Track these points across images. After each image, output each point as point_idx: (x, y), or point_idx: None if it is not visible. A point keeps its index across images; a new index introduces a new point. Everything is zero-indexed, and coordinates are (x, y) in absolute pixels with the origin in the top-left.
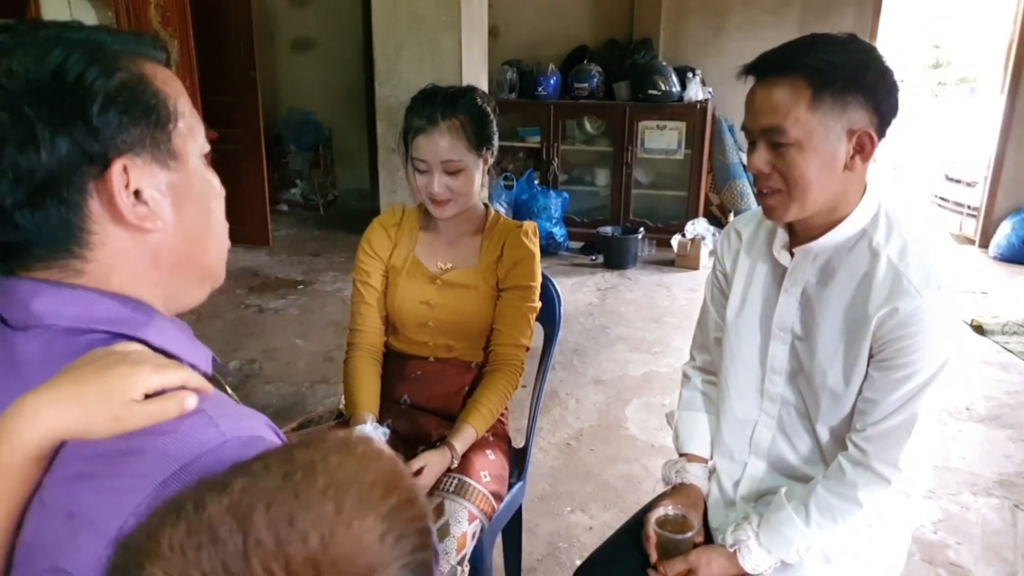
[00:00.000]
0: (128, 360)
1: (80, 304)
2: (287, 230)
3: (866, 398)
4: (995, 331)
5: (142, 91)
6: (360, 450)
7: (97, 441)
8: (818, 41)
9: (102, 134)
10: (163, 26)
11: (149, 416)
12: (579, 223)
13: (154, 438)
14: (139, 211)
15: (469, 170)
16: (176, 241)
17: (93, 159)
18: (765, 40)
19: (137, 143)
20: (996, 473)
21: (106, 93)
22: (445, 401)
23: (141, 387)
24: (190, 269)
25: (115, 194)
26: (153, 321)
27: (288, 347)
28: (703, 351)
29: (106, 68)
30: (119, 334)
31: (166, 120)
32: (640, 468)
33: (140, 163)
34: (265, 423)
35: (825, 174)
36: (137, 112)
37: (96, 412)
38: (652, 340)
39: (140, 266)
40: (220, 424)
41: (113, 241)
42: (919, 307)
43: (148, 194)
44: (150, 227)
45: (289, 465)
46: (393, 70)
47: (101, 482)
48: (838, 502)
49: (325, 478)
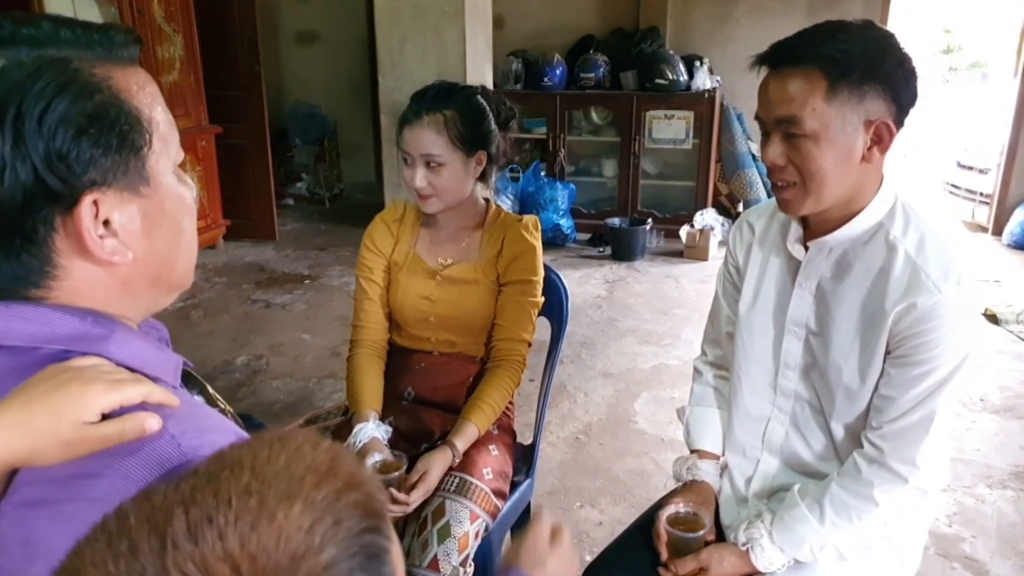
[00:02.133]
0: (80, 379)
1: (34, 321)
2: (293, 224)
3: (882, 395)
4: (1009, 320)
5: (116, 116)
6: (295, 443)
7: (52, 466)
8: (834, 29)
9: (70, 171)
10: (167, 21)
11: (103, 439)
12: (586, 215)
13: (113, 460)
14: (108, 245)
15: (452, 167)
16: (146, 267)
17: (59, 198)
18: (773, 28)
19: (109, 173)
20: (1011, 465)
21: (78, 126)
22: (449, 392)
23: (95, 408)
24: (159, 287)
25: (83, 230)
26: (114, 335)
27: (295, 342)
28: (715, 346)
29: (80, 92)
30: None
31: (140, 144)
32: (650, 462)
33: (111, 194)
34: (235, 433)
35: (842, 167)
36: (111, 141)
37: (46, 437)
38: (661, 332)
39: (108, 292)
40: (182, 442)
41: (79, 273)
42: (938, 303)
43: (118, 224)
44: (118, 261)
45: (216, 465)
46: (396, 62)
47: (56, 508)
48: (854, 501)
49: (250, 474)
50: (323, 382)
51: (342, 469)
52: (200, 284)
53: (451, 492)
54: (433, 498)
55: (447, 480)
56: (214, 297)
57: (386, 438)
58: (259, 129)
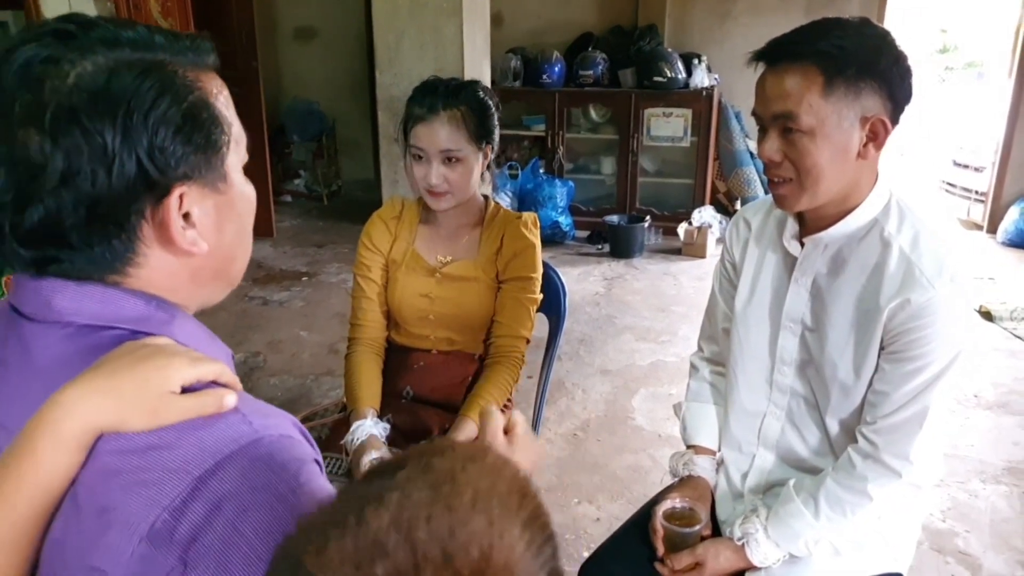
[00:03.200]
0: (163, 352)
1: (104, 302)
2: (291, 221)
3: (877, 390)
4: (1003, 317)
5: (205, 116)
6: (490, 459)
7: (129, 436)
8: (830, 26)
9: (167, 163)
10: (163, 16)
11: (186, 410)
12: (585, 212)
13: (187, 432)
14: (189, 236)
15: (468, 162)
16: (214, 260)
17: (156, 187)
18: (772, 26)
19: (196, 169)
20: (1005, 460)
21: (176, 124)
22: (448, 392)
23: (177, 379)
24: (221, 280)
25: (171, 221)
26: (176, 319)
27: (293, 339)
28: (711, 342)
29: (177, 94)
30: (142, 331)
31: (222, 144)
32: (647, 458)
33: (195, 188)
34: (291, 422)
35: (838, 163)
36: (200, 139)
37: (133, 405)
38: (659, 329)
39: (178, 282)
40: (253, 421)
41: (157, 262)
42: (932, 299)
43: (197, 217)
44: (196, 251)
45: (433, 476)
46: (394, 59)
47: (132, 476)
48: (848, 495)
49: (471, 490)
50: (321, 379)
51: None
52: None
53: None
54: None
55: None
56: None
57: (384, 436)
58: (257, 125)
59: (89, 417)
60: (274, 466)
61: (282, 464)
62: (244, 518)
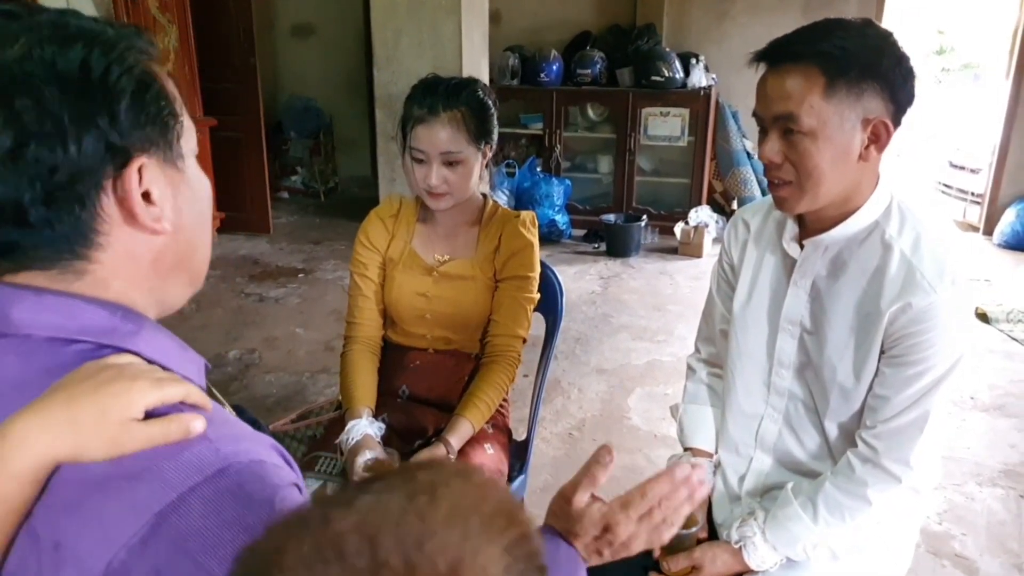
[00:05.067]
0: (124, 375)
1: (63, 312)
2: (288, 218)
3: (877, 395)
4: (1000, 319)
5: (156, 90)
6: (478, 479)
7: (90, 466)
8: (832, 27)
9: (126, 130)
10: (161, 11)
11: (149, 438)
12: (581, 211)
13: (150, 462)
14: (152, 212)
15: (468, 163)
16: (176, 243)
17: (116, 155)
18: (770, 26)
19: (151, 143)
20: (1001, 463)
21: (132, 90)
22: (444, 391)
23: (140, 405)
24: (183, 272)
25: (130, 194)
26: (143, 331)
27: (288, 336)
28: (708, 343)
29: (125, 65)
30: (107, 345)
31: (175, 120)
32: (643, 458)
33: (153, 163)
34: (267, 444)
35: (839, 165)
36: (153, 111)
37: (91, 435)
38: (655, 329)
39: (140, 269)
40: (221, 447)
41: (120, 243)
42: (933, 303)
43: (157, 195)
44: (160, 229)
45: (412, 486)
46: (392, 56)
47: (91, 511)
48: (847, 500)
49: (449, 503)
50: (316, 376)
51: (522, 516)
52: None
53: None
54: None
55: None
56: (207, 290)
57: (379, 435)
58: (254, 122)
59: (43, 450)
60: (243, 497)
61: (251, 494)
62: (211, 555)
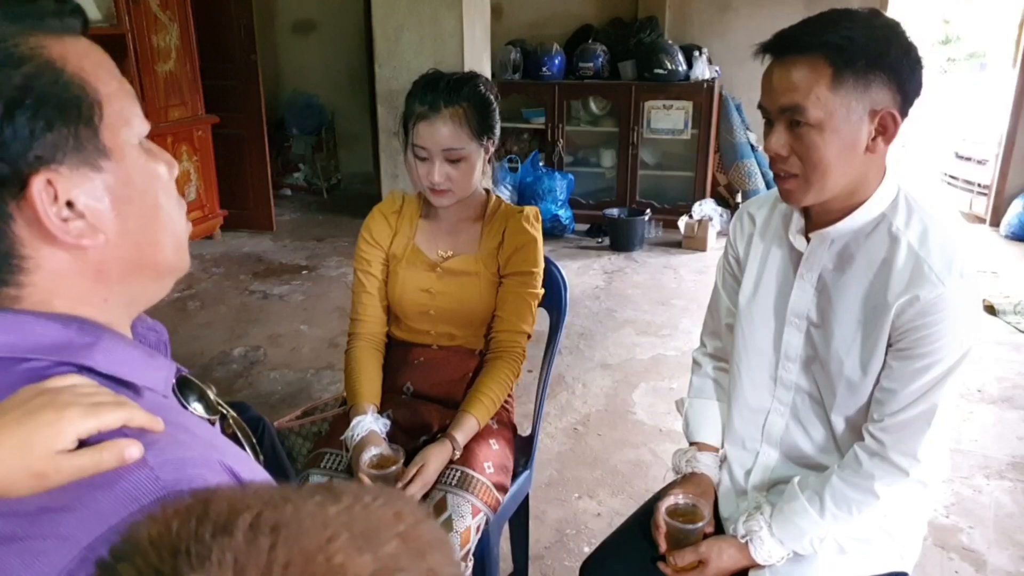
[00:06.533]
0: (54, 404)
1: (13, 330)
2: (290, 215)
3: (884, 388)
4: (1007, 311)
5: (53, 84)
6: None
7: (22, 498)
8: (839, 17)
9: (11, 150)
10: (162, 9)
11: (79, 469)
12: (585, 205)
13: (86, 492)
14: (74, 227)
15: (470, 159)
16: (122, 249)
17: (5, 182)
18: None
19: (58, 149)
20: (1009, 455)
21: (8, 101)
22: (448, 388)
23: (70, 435)
24: (143, 272)
25: (40, 214)
26: (100, 342)
27: (293, 333)
28: (714, 337)
29: (3, 66)
30: (63, 362)
31: (89, 114)
32: (648, 453)
33: (66, 171)
34: (218, 464)
35: (846, 157)
36: (51, 113)
37: (15, 470)
38: (660, 323)
39: (83, 284)
40: (160, 475)
41: (49, 262)
42: (941, 295)
43: (83, 204)
44: (88, 243)
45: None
46: (393, 51)
47: (24, 544)
48: (854, 493)
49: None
50: (321, 373)
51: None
52: (197, 275)
53: (453, 486)
54: (434, 492)
55: (449, 474)
56: (211, 288)
57: (384, 431)
58: (256, 119)
59: None
60: None
61: None
62: None
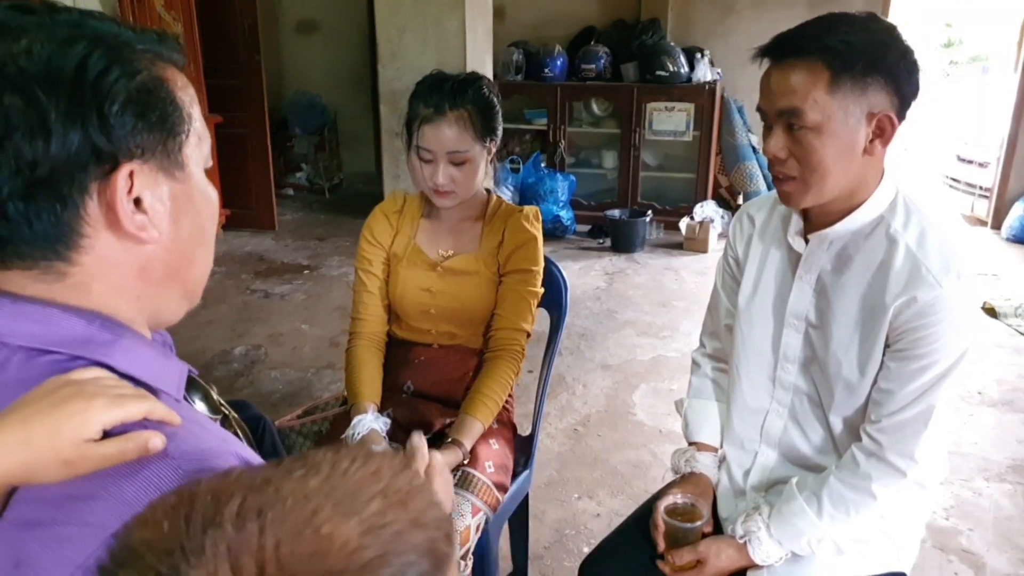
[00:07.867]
0: (82, 394)
1: (39, 321)
2: (293, 214)
3: (882, 389)
4: (1008, 314)
5: (161, 96)
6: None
7: (51, 485)
8: (836, 21)
9: (116, 134)
10: (167, 9)
11: (104, 459)
12: (586, 206)
13: (111, 481)
14: (137, 220)
15: (474, 161)
16: (168, 254)
17: (102, 159)
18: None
19: (148, 149)
20: (1009, 458)
21: (127, 93)
22: (449, 387)
23: (96, 425)
24: (175, 284)
25: (117, 199)
26: (120, 341)
27: (294, 332)
28: (713, 338)
29: (128, 68)
30: (79, 357)
31: (179, 128)
32: (648, 454)
33: (147, 170)
34: (234, 455)
35: (844, 159)
36: (153, 117)
37: (44, 457)
38: (660, 324)
39: (125, 276)
40: (182, 465)
41: (103, 247)
42: (938, 296)
43: (148, 203)
44: (146, 238)
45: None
46: (396, 52)
47: (49, 530)
48: (852, 494)
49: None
50: (321, 372)
51: (416, 505)
52: None
53: (454, 485)
54: None
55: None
56: (213, 287)
57: (385, 430)
58: (259, 118)
59: None
60: None
61: None
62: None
